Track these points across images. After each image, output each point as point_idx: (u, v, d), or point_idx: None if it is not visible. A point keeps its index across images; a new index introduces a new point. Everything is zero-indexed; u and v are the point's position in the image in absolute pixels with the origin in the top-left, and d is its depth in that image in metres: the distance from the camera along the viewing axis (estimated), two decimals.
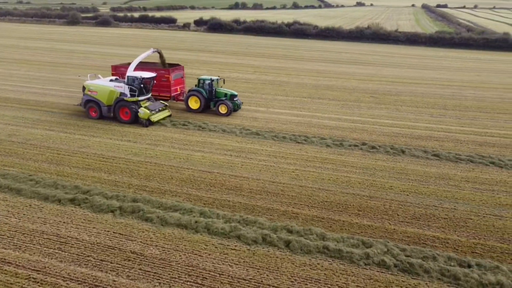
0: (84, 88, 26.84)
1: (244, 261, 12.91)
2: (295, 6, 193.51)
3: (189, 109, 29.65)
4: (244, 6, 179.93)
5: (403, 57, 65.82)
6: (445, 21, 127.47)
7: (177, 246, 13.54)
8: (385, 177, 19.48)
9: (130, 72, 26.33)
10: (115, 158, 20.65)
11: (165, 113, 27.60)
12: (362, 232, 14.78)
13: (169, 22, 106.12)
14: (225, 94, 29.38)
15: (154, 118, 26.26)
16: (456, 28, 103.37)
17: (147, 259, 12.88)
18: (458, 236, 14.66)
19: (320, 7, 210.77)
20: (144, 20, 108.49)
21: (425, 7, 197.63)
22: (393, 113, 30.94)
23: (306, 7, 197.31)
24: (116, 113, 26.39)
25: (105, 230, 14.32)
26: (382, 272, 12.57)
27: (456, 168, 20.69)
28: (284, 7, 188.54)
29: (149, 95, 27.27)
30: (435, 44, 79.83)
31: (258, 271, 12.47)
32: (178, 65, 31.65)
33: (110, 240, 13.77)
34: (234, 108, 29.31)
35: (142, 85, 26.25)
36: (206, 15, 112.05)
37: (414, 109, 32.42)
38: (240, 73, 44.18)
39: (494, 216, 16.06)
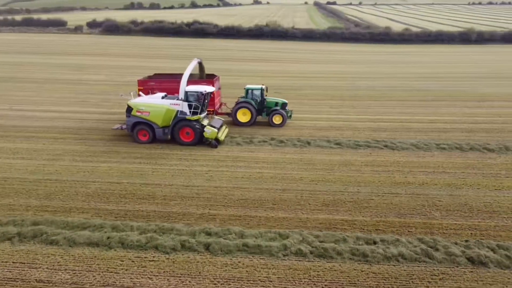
0: (130, 108, 23.16)
1: (164, 271, 12.54)
2: (194, 5, 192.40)
3: (238, 123, 27.39)
4: (140, 6, 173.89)
5: (301, 52, 69.34)
6: (335, 17, 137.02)
7: (90, 267, 12.66)
8: (294, 169, 20.38)
9: (187, 87, 23.28)
10: (7, 179, 18.58)
11: (226, 129, 25.23)
12: (278, 224, 15.28)
13: (58, 25, 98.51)
14: (276, 103, 27.97)
15: (222, 136, 23.73)
16: (345, 23, 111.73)
17: (56, 285, 11.83)
18: (363, 216, 15.93)
19: (218, 5, 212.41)
20: (29, 24, 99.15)
21: (317, 4, 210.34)
22: (297, 107, 32.39)
23: (205, 6, 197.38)
24: (176, 134, 23.15)
25: (2, 262, 12.82)
26: (299, 261, 13.14)
27: (356, 154, 22.43)
28: (182, 6, 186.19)
29: (206, 112, 24.73)
30: (328, 39, 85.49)
31: (179, 279, 12.21)
32: (214, 75, 28.78)
33: (10, 272, 12.38)
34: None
35: (206, 101, 23.66)
36: (100, 16, 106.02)
37: (315, 101, 34.39)
38: (140, 76, 42.62)
39: (392, 194, 17.74)
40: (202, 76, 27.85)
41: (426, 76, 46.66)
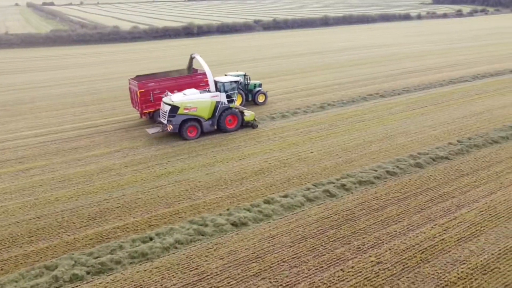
0: (175, 108, 23.32)
1: None
2: None
3: None
4: None
5: (23, 60, 61.13)
6: (56, 19, 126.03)
7: None
8: (47, 191, 18.13)
9: (221, 78, 26.28)
10: None
11: None
12: (42, 257, 13.40)
13: None
14: (255, 85, 31.28)
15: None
16: (70, 25, 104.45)
17: None
18: (134, 218, 15.76)
19: None
20: None
21: (30, 5, 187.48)
22: (33, 122, 28.70)
23: None
24: (222, 123, 24.72)
25: None
26: (77, 286, 12.00)
27: (113, 158, 21.77)
28: None
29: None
30: (54, 43, 78.30)
31: None
32: (195, 69, 29.44)
33: None
34: None
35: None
36: None
37: (55, 112, 31.21)
38: None
39: (157, 188, 18.18)
40: (189, 68, 28.91)
41: (165, 70, 49.01)
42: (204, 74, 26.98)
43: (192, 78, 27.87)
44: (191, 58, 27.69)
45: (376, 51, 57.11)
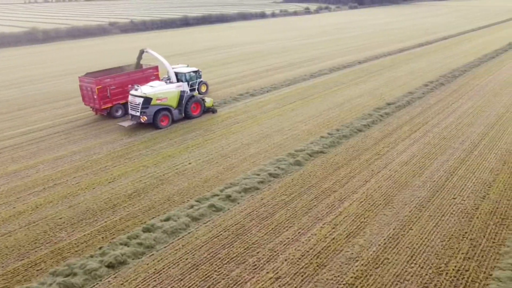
0: (148, 99, 24.41)
1: None
2: None
3: None
4: None
5: None
6: None
7: None
8: None
9: (182, 69, 30.00)
10: None
11: None
12: None
13: None
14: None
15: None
16: None
17: None
18: None
19: None
20: None
21: None
22: None
23: None
24: (188, 111, 26.38)
25: None
26: None
27: None
28: None
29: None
30: None
31: None
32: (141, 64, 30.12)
33: None
34: None
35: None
36: None
37: None
38: None
39: (3, 236, 14.56)
40: (137, 63, 29.54)
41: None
42: (154, 68, 29.93)
43: (144, 72, 29.19)
44: (141, 53, 28.62)
45: (239, 49, 57.89)
